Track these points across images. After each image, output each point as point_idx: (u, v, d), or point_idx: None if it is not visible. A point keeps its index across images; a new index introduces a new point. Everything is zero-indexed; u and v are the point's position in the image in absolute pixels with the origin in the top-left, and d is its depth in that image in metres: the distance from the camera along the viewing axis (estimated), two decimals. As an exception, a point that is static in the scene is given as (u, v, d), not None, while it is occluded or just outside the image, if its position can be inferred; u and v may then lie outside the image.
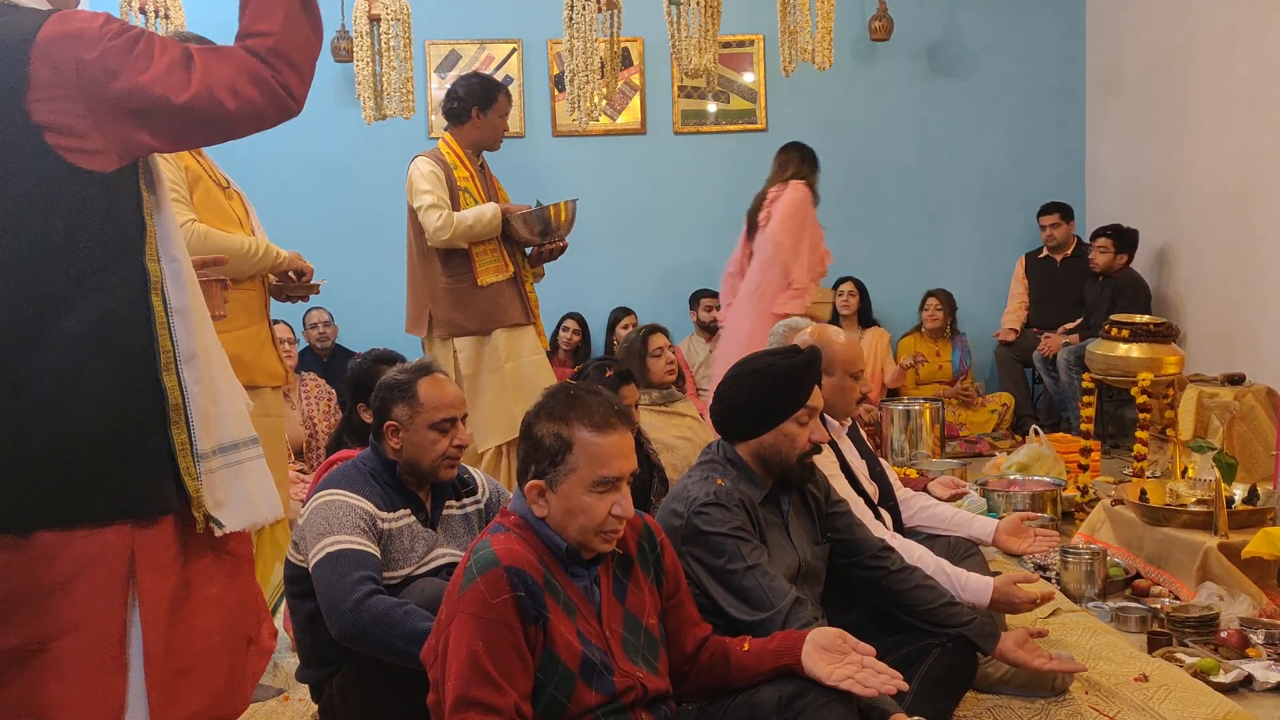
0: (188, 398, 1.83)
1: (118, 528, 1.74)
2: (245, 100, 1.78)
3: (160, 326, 1.82)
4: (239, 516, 1.90)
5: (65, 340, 1.72)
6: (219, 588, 1.89)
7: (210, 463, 1.86)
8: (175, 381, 1.82)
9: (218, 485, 1.87)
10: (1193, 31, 6.27)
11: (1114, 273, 6.44)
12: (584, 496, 2.04)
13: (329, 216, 7.16)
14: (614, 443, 2.06)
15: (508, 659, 1.94)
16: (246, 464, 1.94)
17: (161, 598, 1.78)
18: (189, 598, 1.83)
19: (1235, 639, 3.21)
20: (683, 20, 5.55)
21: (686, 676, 2.29)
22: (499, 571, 1.97)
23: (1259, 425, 5.02)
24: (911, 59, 7.57)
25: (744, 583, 2.46)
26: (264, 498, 1.96)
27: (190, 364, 1.84)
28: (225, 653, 1.89)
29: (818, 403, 2.66)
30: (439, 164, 4.27)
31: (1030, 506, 4.55)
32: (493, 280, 4.27)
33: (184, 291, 1.87)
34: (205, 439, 1.85)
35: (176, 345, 1.83)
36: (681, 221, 7.56)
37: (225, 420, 1.91)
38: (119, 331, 1.77)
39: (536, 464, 2.08)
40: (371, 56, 5.91)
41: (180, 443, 1.81)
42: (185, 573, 1.83)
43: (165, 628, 1.78)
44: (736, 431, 2.68)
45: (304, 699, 3.02)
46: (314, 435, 5.92)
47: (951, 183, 7.58)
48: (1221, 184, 6.02)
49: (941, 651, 2.66)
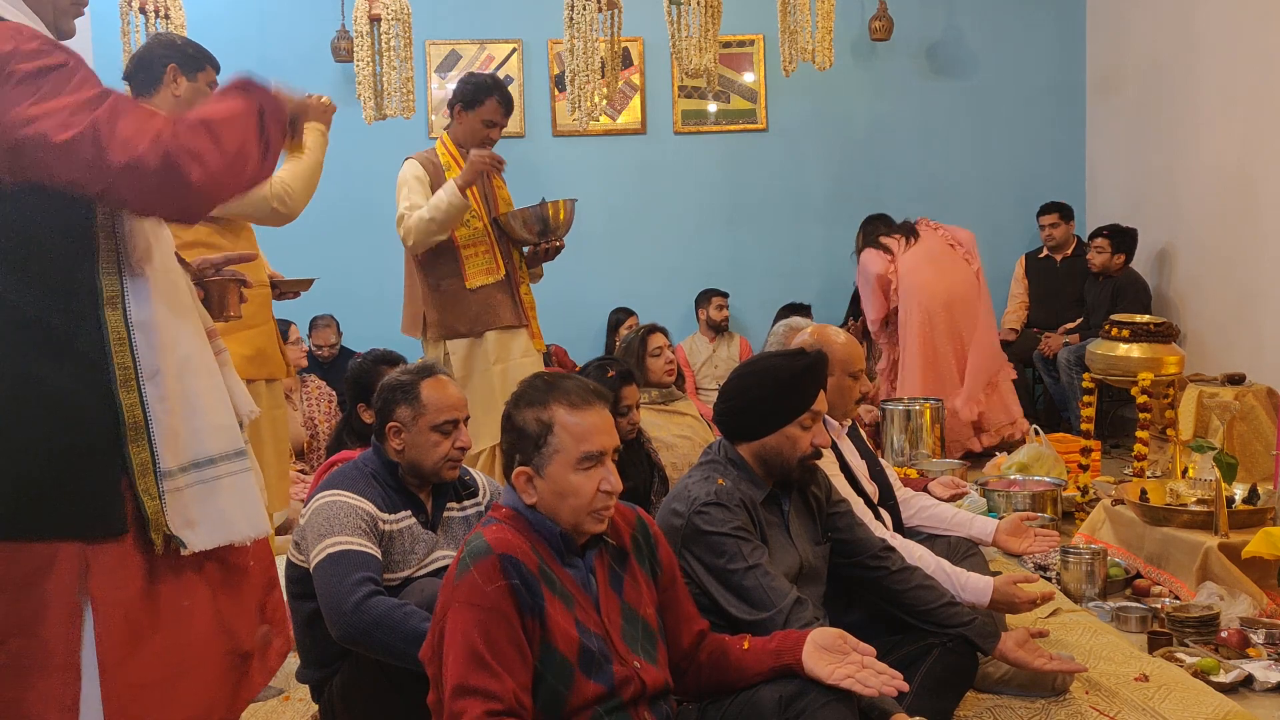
0: (150, 415, 1.77)
1: (66, 543, 1.71)
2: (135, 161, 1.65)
3: (117, 343, 1.75)
4: (210, 535, 1.83)
5: (12, 356, 1.69)
6: (200, 601, 1.85)
7: (176, 480, 1.80)
8: (136, 399, 1.76)
9: (188, 503, 1.81)
10: (1193, 31, 6.27)
11: (1112, 272, 6.44)
12: (571, 476, 2.06)
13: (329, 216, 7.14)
14: (594, 419, 2.08)
15: (505, 648, 1.94)
16: (225, 479, 1.87)
17: (117, 608, 1.73)
18: (158, 611, 1.78)
19: (1235, 639, 3.21)
20: (683, 20, 5.55)
21: (685, 674, 2.29)
22: (492, 559, 1.98)
23: (1259, 425, 5.02)
24: (912, 59, 7.57)
25: (745, 582, 2.46)
26: (245, 515, 1.90)
27: (153, 380, 1.78)
28: (202, 668, 1.84)
29: (822, 407, 2.66)
30: (426, 166, 4.20)
31: (1030, 506, 4.55)
32: (482, 283, 4.20)
33: (147, 305, 1.80)
34: (171, 456, 1.79)
35: (138, 361, 1.77)
36: (682, 221, 7.57)
37: (202, 436, 1.85)
38: (66, 348, 1.72)
39: (521, 451, 2.10)
40: (372, 56, 5.91)
41: (140, 462, 1.75)
42: (155, 586, 1.78)
43: (123, 639, 1.73)
44: (739, 432, 2.68)
45: (304, 699, 3.02)
46: (315, 436, 5.93)
47: (951, 182, 7.59)
48: (1222, 184, 6.02)
49: (942, 651, 2.66)
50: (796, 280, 7.51)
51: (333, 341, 6.78)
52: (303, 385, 6.04)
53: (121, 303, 1.77)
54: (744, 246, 7.59)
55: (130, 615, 1.75)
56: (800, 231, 7.59)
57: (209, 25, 6.33)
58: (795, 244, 7.59)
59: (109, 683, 1.72)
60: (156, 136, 1.66)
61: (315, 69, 6.91)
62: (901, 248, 6.25)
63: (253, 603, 1.99)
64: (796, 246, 7.58)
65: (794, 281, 7.50)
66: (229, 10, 6.96)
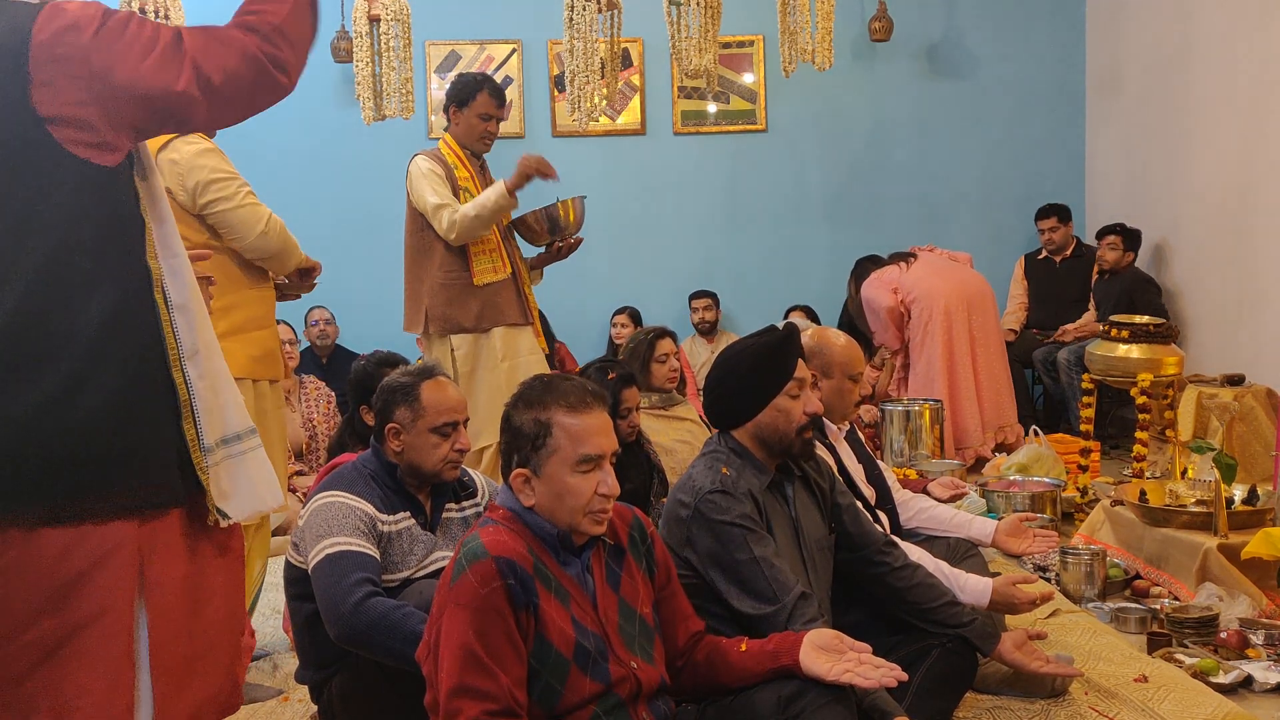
0: (193, 392, 1.85)
1: (126, 522, 1.75)
2: (237, 80, 1.80)
3: (165, 323, 1.83)
4: (244, 506, 1.92)
5: (79, 338, 1.73)
6: (222, 580, 1.92)
7: (214, 455, 1.88)
8: (181, 377, 1.84)
9: (222, 476, 1.89)
10: (1192, 32, 6.27)
11: (1121, 269, 6.44)
12: (569, 478, 2.06)
13: (328, 217, 7.15)
14: (592, 421, 2.09)
15: (500, 645, 1.95)
16: (249, 454, 1.96)
17: (172, 586, 1.79)
18: (201, 586, 1.85)
19: (1235, 640, 3.21)
20: (683, 21, 5.55)
21: (682, 673, 2.29)
22: (488, 562, 1.98)
23: (1258, 426, 5.02)
24: (911, 60, 7.57)
25: (749, 573, 2.46)
26: (266, 486, 1.99)
27: (193, 359, 1.86)
28: (227, 645, 1.92)
29: (804, 374, 2.67)
30: (439, 162, 4.28)
31: (1030, 507, 4.54)
32: (489, 280, 4.26)
33: (184, 287, 1.88)
34: (210, 432, 1.87)
35: (180, 341, 1.84)
36: (682, 222, 7.57)
37: (228, 412, 1.93)
38: (129, 328, 1.78)
39: (519, 452, 2.11)
40: (371, 57, 5.91)
41: (191, 437, 1.84)
42: (194, 563, 1.85)
43: (178, 616, 1.80)
44: (732, 418, 2.67)
45: (303, 699, 3.02)
46: (314, 437, 5.92)
47: (951, 183, 7.59)
48: (1221, 184, 6.02)
49: (941, 652, 2.66)
50: (796, 281, 7.51)
51: (328, 316, 6.80)
52: (301, 386, 6.04)
53: (163, 285, 1.85)
54: (743, 247, 7.59)
55: (179, 596, 1.81)
56: (800, 232, 7.59)
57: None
58: (795, 245, 7.59)
59: (162, 661, 1.77)
60: (245, 52, 1.80)
61: (315, 69, 6.85)
62: (902, 272, 6.13)
63: (243, 587, 2.05)
64: (796, 247, 7.58)
65: (794, 282, 7.50)
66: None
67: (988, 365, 6.04)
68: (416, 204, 4.25)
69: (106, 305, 1.75)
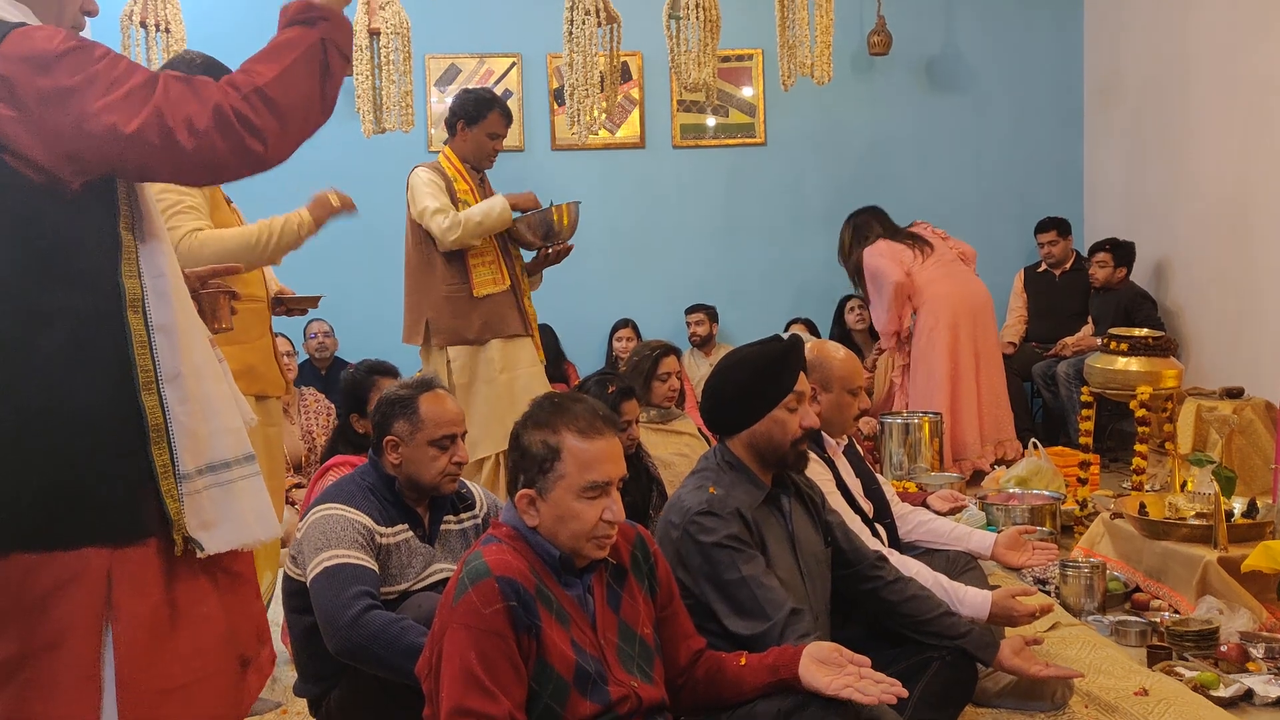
0: (169, 417, 1.77)
1: (97, 549, 1.71)
2: (202, 139, 1.67)
3: (139, 345, 1.76)
4: (226, 538, 1.83)
5: (40, 360, 1.69)
6: (213, 607, 1.85)
7: (194, 483, 1.80)
8: (156, 401, 1.76)
9: (204, 506, 1.81)
10: (1191, 45, 6.29)
11: (1114, 285, 6.44)
12: (574, 503, 2.05)
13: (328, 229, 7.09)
14: (602, 447, 2.07)
15: (501, 668, 1.94)
16: (239, 483, 1.88)
17: (140, 617, 1.73)
18: (177, 617, 1.78)
19: (1235, 653, 3.21)
20: (682, 35, 5.56)
21: (682, 690, 2.29)
22: (490, 582, 1.97)
23: (1258, 439, 5.02)
24: (910, 73, 7.59)
25: (739, 593, 2.45)
26: (258, 518, 1.90)
27: (173, 382, 1.78)
28: (216, 674, 1.85)
29: (805, 388, 2.67)
30: (439, 174, 4.30)
31: (1029, 520, 4.54)
32: (489, 292, 4.30)
33: (169, 308, 1.81)
34: (190, 459, 1.79)
35: (158, 363, 1.77)
36: (680, 235, 7.57)
37: (217, 439, 1.85)
38: (92, 351, 1.72)
39: (525, 473, 2.09)
40: (371, 70, 5.92)
41: (162, 464, 1.76)
42: (172, 592, 1.78)
43: (145, 647, 1.74)
44: (729, 424, 2.67)
45: (302, 712, 3.01)
46: (313, 449, 5.92)
47: (949, 196, 7.59)
48: (1220, 197, 6.03)
49: (941, 665, 2.65)
50: (795, 294, 7.52)
51: (327, 329, 6.81)
52: (300, 398, 6.04)
53: (143, 305, 1.78)
54: (742, 260, 7.59)
55: (150, 624, 1.75)
56: (799, 245, 7.59)
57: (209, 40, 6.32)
58: (794, 258, 7.59)
59: (129, 693, 1.72)
60: (217, 109, 1.68)
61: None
62: (916, 260, 6.04)
63: (251, 609, 2.00)
64: (795, 260, 7.59)
65: (793, 295, 7.51)
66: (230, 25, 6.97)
67: (989, 378, 6.03)
68: (413, 210, 4.27)
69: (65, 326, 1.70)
